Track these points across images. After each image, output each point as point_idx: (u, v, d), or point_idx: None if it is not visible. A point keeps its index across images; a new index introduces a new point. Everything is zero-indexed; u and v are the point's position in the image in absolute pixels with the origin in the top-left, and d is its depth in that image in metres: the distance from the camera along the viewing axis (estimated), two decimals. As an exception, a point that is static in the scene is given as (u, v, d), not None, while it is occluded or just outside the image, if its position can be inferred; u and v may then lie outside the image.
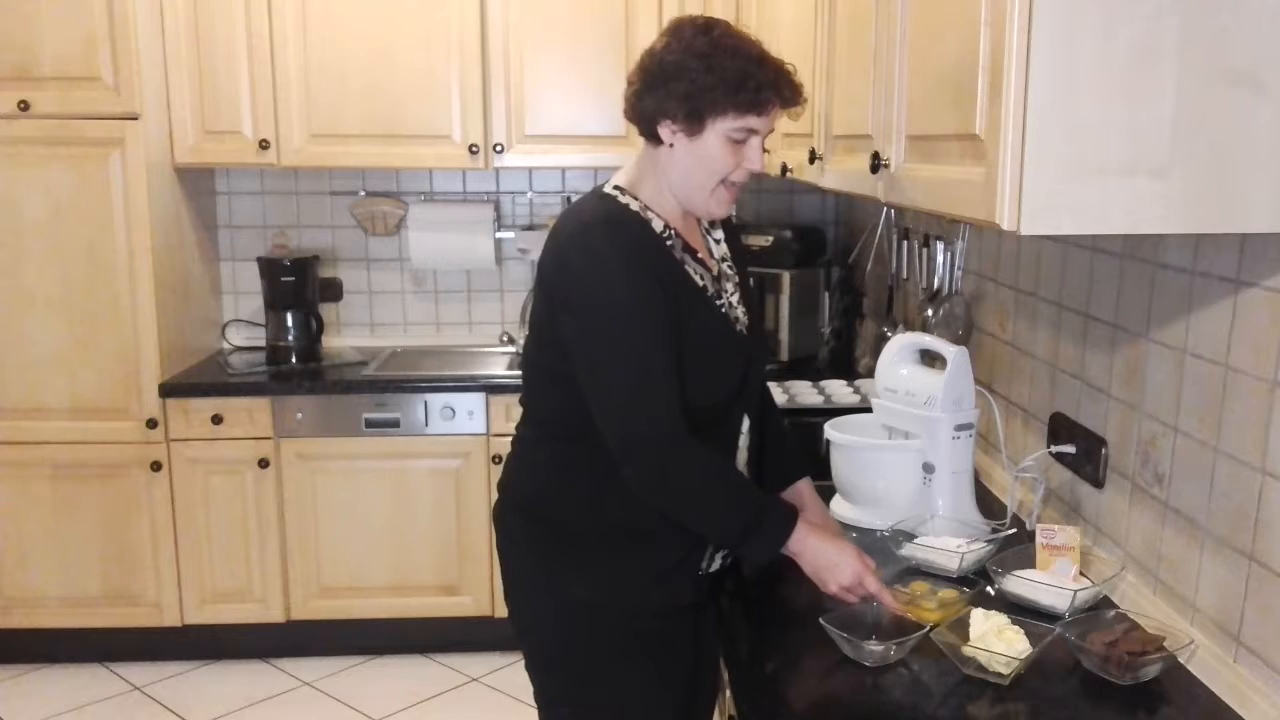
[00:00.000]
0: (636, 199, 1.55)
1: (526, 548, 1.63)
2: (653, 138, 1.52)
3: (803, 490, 1.75)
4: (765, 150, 1.56)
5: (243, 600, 3.09)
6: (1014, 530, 1.71)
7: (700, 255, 1.58)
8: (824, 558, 1.47)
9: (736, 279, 1.65)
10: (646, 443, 1.45)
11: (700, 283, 1.55)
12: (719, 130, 1.47)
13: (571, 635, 1.59)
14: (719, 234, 1.67)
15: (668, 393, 1.45)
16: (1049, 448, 1.76)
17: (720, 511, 1.48)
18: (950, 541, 1.63)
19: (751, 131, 1.48)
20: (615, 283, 1.45)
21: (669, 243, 1.53)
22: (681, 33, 1.48)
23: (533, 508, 1.62)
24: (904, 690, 1.30)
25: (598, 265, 1.46)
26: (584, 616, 1.57)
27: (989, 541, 1.65)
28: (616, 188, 1.56)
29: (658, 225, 1.53)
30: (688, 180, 1.52)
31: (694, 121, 1.47)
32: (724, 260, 1.64)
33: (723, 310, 1.57)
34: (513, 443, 1.69)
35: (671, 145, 1.50)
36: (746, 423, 1.62)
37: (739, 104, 1.45)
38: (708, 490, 1.48)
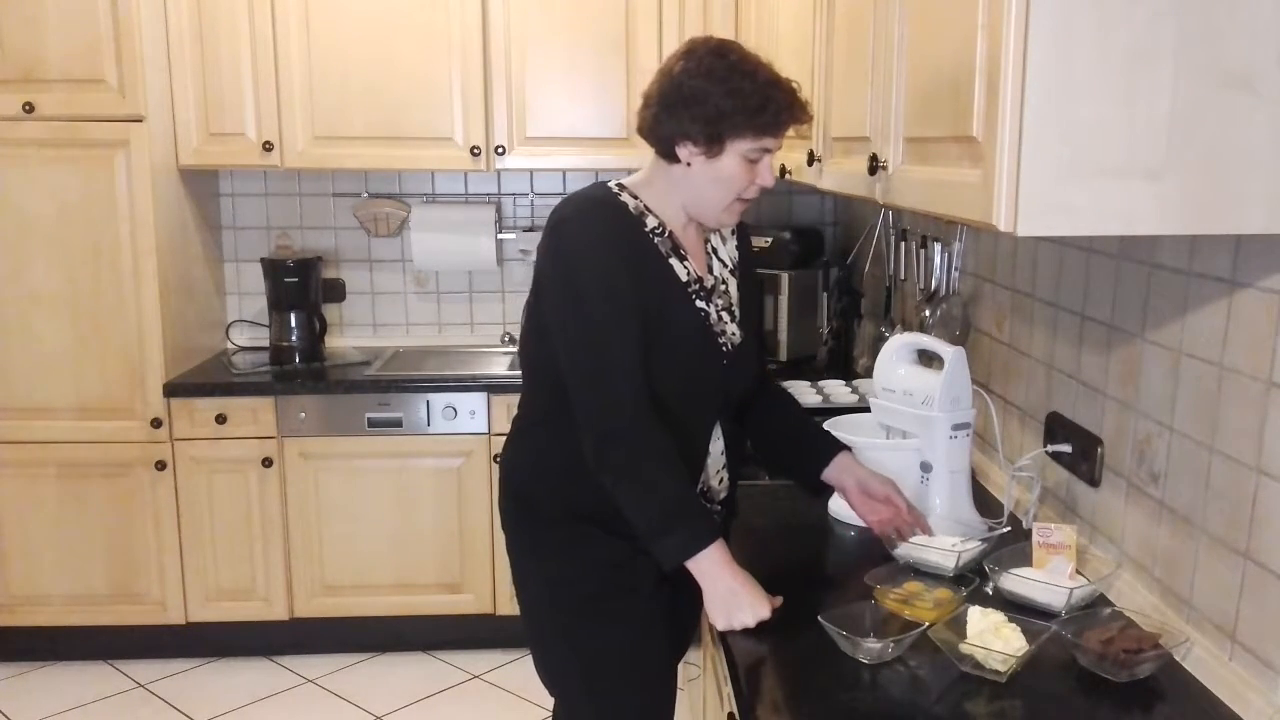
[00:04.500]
0: (636, 198, 1.59)
1: (513, 527, 1.72)
2: (670, 156, 1.56)
3: (844, 463, 1.73)
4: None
5: (246, 598, 3.11)
6: (1009, 529, 1.72)
7: (690, 262, 1.61)
8: (726, 592, 1.47)
9: (734, 301, 1.68)
10: (601, 413, 1.50)
11: (683, 278, 1.59)
12: (737, 151, 1.51)
13: (551, 612, 1.67)
14: (726, 257, 1.70)
15: (629, 367, 1.50)
16: (1045, 447, 1.77)
17: (642, 501, 1.51)
18: (945, 541, 1.64)
19: (766, 150, 1.53)
20: (586, 259, 1.51)
21: (655, 238, 1.58)
22: (698, 56, 1.52)
23: (515, 489, 1.71)
24: (902, 687, 1.31)
25: (572, 243, 1.52)
26: (559, 594, 1.65)
27: (984, 540, 1.66)
28: (619, 184, 1.61)
29: (651, 222, 1.58)
30: (703, 197, 1.56)
31: (714, 144, 1.51)
32: (723, 281, 1.68)
33: (702, 314, 1.61)
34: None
35: (689, 164, 1.54)
36: (719, 430, 1.66)
37: (758, 126, 1.49)
38: (639, 476, 1.50)
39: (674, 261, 1.59)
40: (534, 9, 3.10)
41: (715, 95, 1.48)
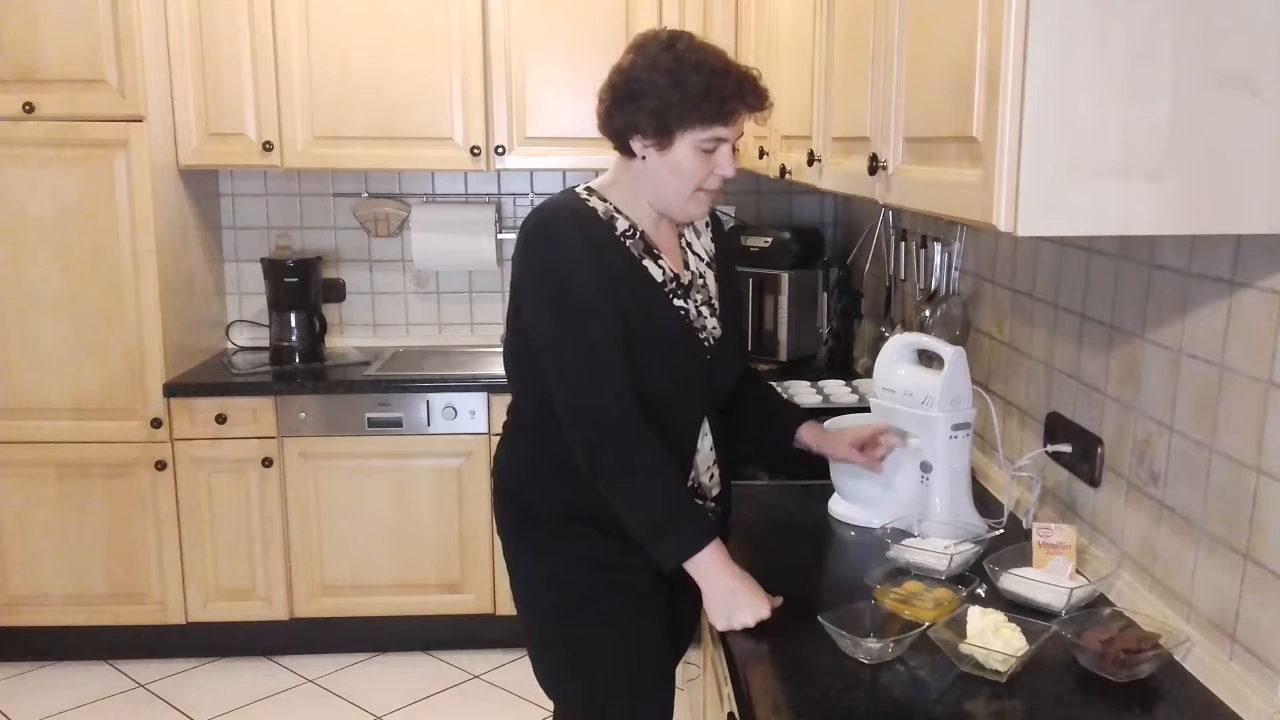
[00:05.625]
0: (605, 200, 1.60)
1: (506, 530, 1.73)
2: (625, 151, 1.58)
3: (806, 433, 1.82)
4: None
5: (246, 598, 3.11)
6: (1001, 532, 1.71)
7: (664, 260, 1.62)
8: (726, 592, 1.47)
9: (713, 295, 1.70)
10: (589, 419, 1.51)
11: (659, 279, 1.60)
12: (688, 142, 1.52)
13: (547, 614, 1.66)
14: (701, 251, 1.72)
15: (614, 371, 1.50)
16: (1045, 447, 1.77)
17: (637, 504, 1.51)
18: (938, 543, 1.64)
19: (720, 140, 1.53)
20: (561, 267, 1.52)
21: (627, 241, 1.58)
22: (646, 49, 1.54)
23: (507, 492, 1.71)
24: (902, 687, 1.31)
25: (546, 253, 1.53)
26: (555, 595, 1.65)
27: (977, 542, 1.65)
28: (587, 188, 1.63)
29: (621, 225, 1.59)
30: (664, 190, 1.57)
31: (663, 135, 1.52)
32: (700, 276, 1.69)
33: (681, 312, 1.61)
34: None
35: (644, 158, 1.56)
36: (708, 426, 1.67)
37: (705, 116, 1.50)
38: (633, 479, 1.51)
39: (648, 263, 1.60)
40: (534, 9, 3.11)
41: (661, 87, 1.49)
